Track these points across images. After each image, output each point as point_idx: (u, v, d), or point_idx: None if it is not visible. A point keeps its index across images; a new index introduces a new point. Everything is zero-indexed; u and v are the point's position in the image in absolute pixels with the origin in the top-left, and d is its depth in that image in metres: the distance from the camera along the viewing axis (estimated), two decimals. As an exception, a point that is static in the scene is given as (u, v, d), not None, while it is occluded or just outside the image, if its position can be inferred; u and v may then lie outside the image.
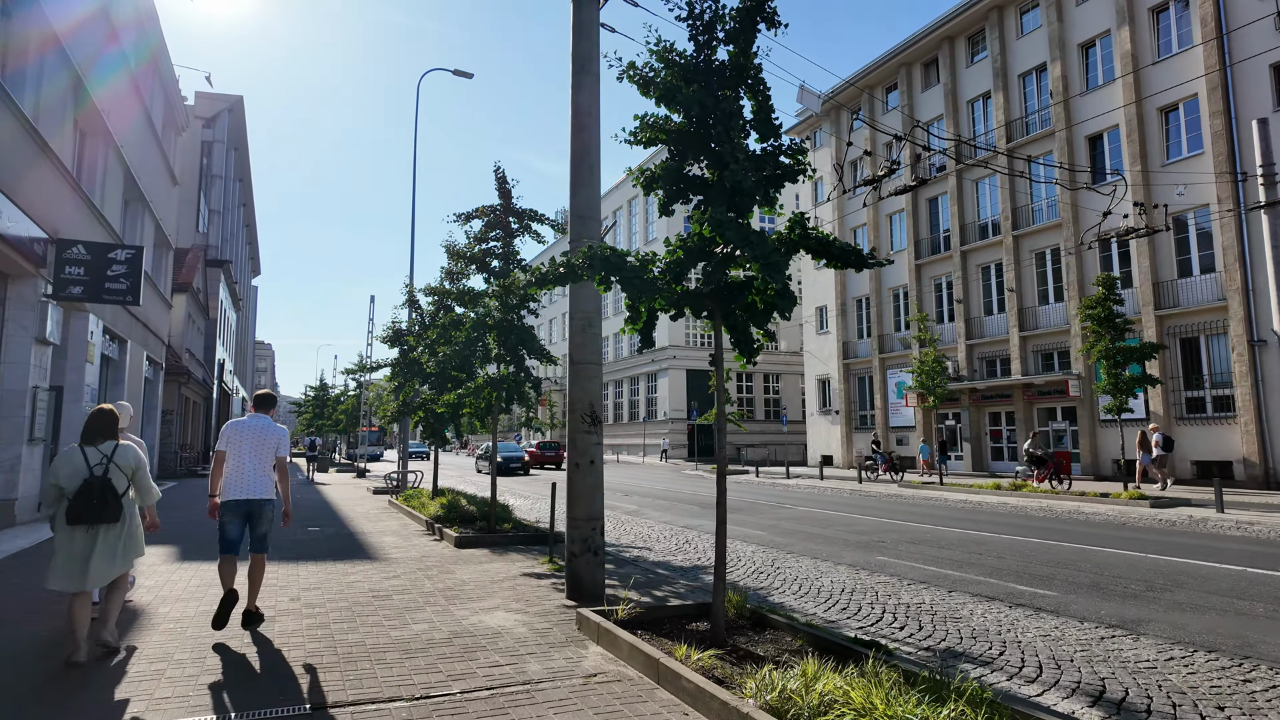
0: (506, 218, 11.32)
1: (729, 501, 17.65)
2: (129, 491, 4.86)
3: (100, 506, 4.60)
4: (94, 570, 4.60)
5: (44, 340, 11.02)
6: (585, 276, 4.99)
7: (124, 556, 4.80)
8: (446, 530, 10.61)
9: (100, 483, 4.62)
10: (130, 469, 4.84)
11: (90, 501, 4.57)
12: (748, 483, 26.03)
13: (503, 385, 10.80)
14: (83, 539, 4.61)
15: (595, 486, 6.83)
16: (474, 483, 25.13)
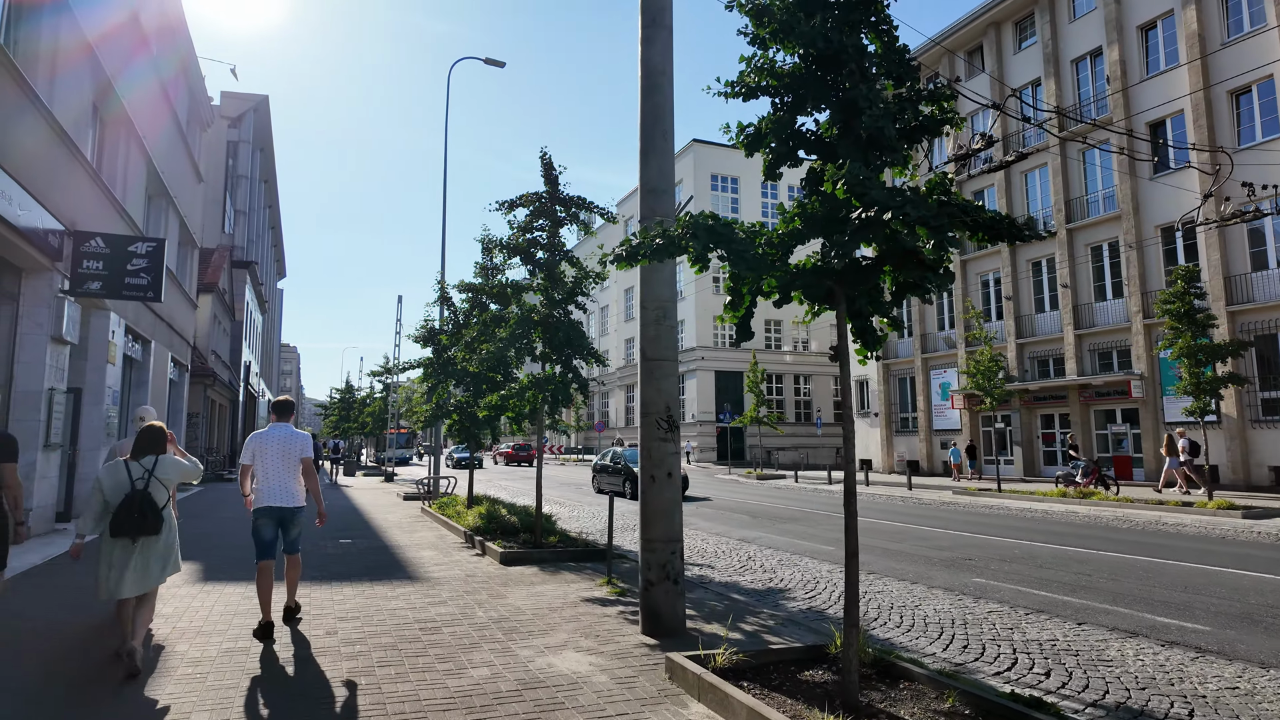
0: (553, 205, 10.44)
1: (780, 511, 16.65)
2: (169, 505, 5.02)
3: (140, 519, 4.72)
4: (132, 580, 4.75)
5: (61, 339, 10.32)
6: (689, 248, 4.05)
7: (162, 569, 4.94)
8: (489, 544, 9.74)
9: (141, 496, 4.76)
10: (174, 481, 5.04)
11: (131, 515, 4.71)
12: (790, 489, 24.96)
13: (548, 386, 9.91)
14: (124, 550, 4.76)
15: (673, 503, 5.89)
16: (504, 487, 24.30)
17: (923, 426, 31.47)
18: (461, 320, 14.73)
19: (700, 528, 13.70)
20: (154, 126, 15.72)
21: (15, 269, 9.89)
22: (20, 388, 9.82)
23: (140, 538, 4.76)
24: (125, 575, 4.72)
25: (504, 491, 21.79)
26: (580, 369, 10.25)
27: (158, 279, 11.03)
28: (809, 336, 51.49)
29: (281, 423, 5.96)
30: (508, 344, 9.91)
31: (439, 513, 13.80)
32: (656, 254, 4.07)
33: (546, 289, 10.29)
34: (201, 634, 5.64)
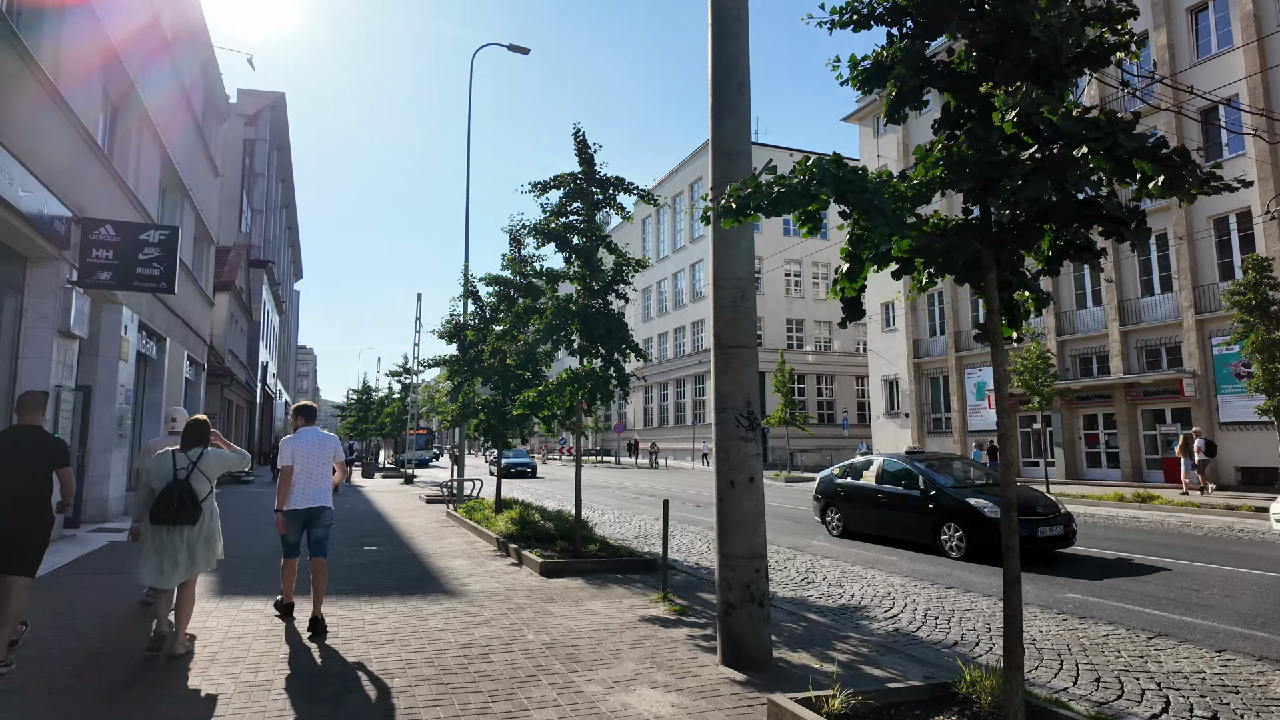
0: (589, 187, 9.67)
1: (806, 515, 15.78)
2: (211, 497, 5.15)
3: (178, 509, 4.86)
4: (170, 569, 4.88)
5: (68, 333, 9.67)
6: (823, 196, 3.25)
7: (201, 558, 5.05)
8: (526, 553, 8.97)
9: (181, 487, 4.91)
10: (216, 473, 5.17)
11: (170, 504, 4.85)
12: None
13: (587, 382, 9.14)
14: (165, 538, 4.90)
15: (756, 513, 5.08)
16: (524, 488, 23.57)
17: (957, 427, 30.44)
18: (489, 315, 13.99)
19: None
20: (169, 115, 15.12)
21: (19, 258, 9.24)
22: (25, 385, 9.15)
23: (179, 526, 4.90)
24: (164, 563, 4.88)
25: (523, 495, 21.05)
26: (621, 363, 9.47)
27: (171, 269, 10.36)
28: (831, 336, 50.49)
29: (310, 426, 6.11)
30: (545, 335, 9.14)
31: (466, 517, 13.06)
32: (776, 205, 3.27)
33: (584, 277, 9.53)
34: (216, 663, 4.90)
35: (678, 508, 17.71)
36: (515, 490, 22.54)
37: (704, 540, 11.99)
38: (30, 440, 4.70)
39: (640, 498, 20.73)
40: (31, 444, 4.68)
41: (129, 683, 4.47)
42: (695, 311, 49.55)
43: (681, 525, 14.09)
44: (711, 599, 7.18)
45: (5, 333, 9.12)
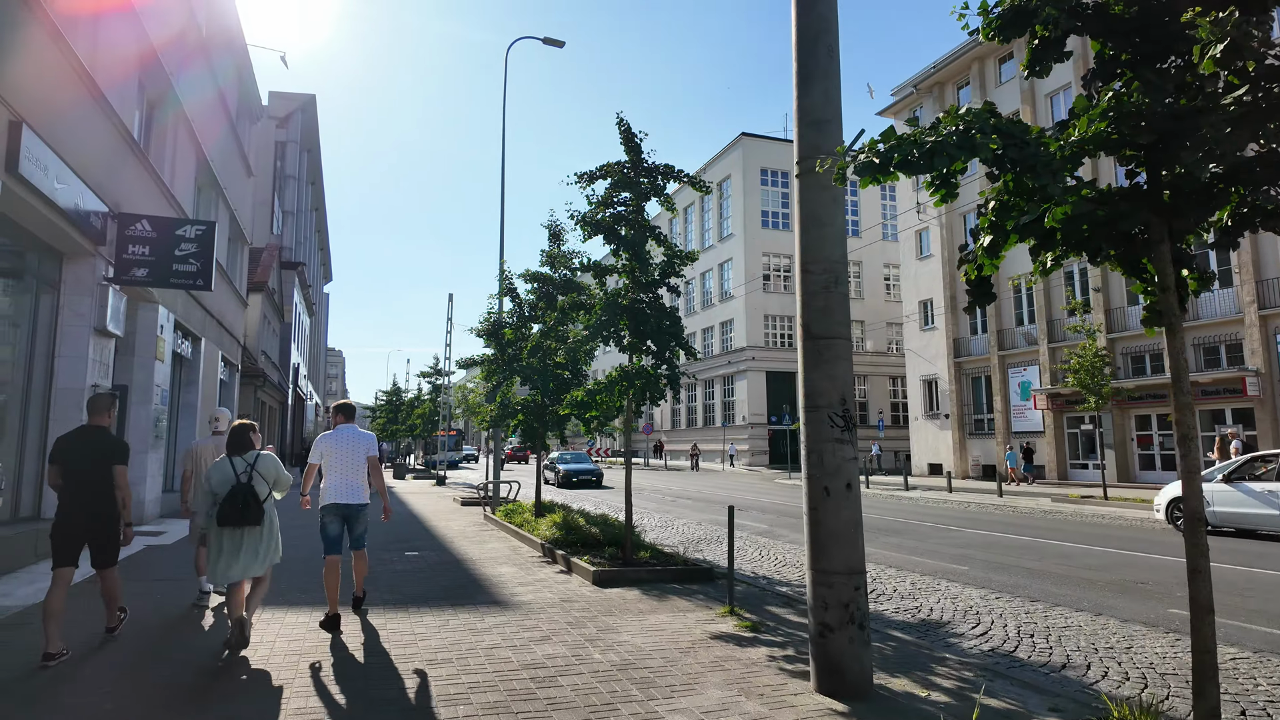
0: (636, 176, 9.21)
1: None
2: (270, 498, 5.31)
3: (244, 510, 5.03)
4: (240, 566, 5.07)
5: (105, 331, 9.43)
6: (992, 145, 2.74)
7: (266, 556, 5.25)
8: (575, 561, 8.52)
9: (244, 489, 5.09)
10: (271, 476, 5.31)
11: (235, 506, 5.02)
12: (866, 496, 23.32)
13: (636, 380, 8.67)
14: (231, 539, 5.08)
15: (853, 524, 4.56)
16: (560, 491, 23.20)
17: (1000, 429, 29.50)
18: (527, 313, 13.60)
19: (790, 539, 12.32)
20: (204, 112, 14.95)
21: (55, 253, 9.01)
22: (61, 384, 8.93)
23: (244, 527, 5.08)
24: (233, 562, 5.06)
25: (559, 497, 20.66)
26: (673, 361, 8.99)
27: (208, 266, 10.09)
28: (864, 336, 49.61)
29: (348, 424, 6.17)
30: (594, 332, 8.69)
31: (506, 521, 12.67)
32: (930, 158, 2.76)
33: (632, 270, 9.07)
34: (261, 683, 4.49)
35: (717, 511, 17.19)
36: (550, 493, 22.15)
37: (754, 547, 11.46)
38: (99, 439, 5.06)
39: (677, 501, 20.23)
40: (99, 443, 5.04)
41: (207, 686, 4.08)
42: (724, 311, 48.95)
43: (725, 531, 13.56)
44: (782, 613, 6.67)
45: (42, 331, 8.90)
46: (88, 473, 4.91)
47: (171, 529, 11.49)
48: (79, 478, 4.89)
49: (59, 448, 4.94)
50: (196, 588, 6.82)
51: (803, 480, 4.70)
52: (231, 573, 5.04)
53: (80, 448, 4.94)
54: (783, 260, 47.87)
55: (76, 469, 4.89)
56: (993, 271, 3.38)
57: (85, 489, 4.89)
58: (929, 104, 33.97)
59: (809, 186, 4.82)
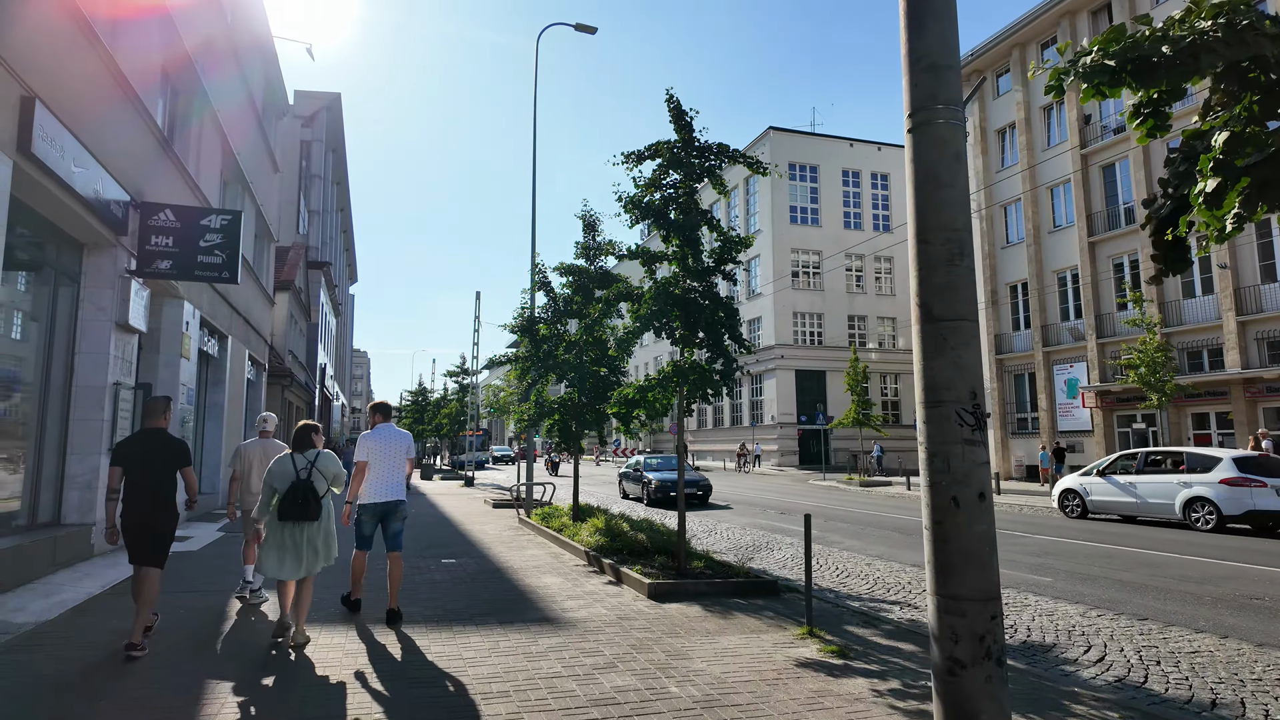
0: (688, 156, 8.54)
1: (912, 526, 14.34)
2: (327, 496, 5.36)
3: (304, 506, 5.09)
4: (291, 563, 5.12)
5: (127, 326, 8.95)
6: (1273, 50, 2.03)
7: (320, 555, 5.28)
8: (626, 571, 7.87)
9: (304, 485, 5.14)
10: (331, 474, 5.37)
11: (296, 501, 5.08)
12: (909, 498, 22.45)
13: (690, 375, 8.00)
14: (290, 534, 5.13)
15: (989, 540, 3.83)
16: (587, 492, 22.52)
17: (1045, 428, 28.39)
18: (562, 307, 12.98)
19: (847, 545, 11.57)
20: (230, 103, 14.53)
21: (74, 244, 8.54)
22: (81, 381, 8.46)
23: (302, 523, 5.16)
24: (286, 557, 5.13)
25: (586, 498, 20.02)
26: (731, 354, 8.30)
27: (234, 258, 9.59)
28: (895, 332, 48.55)
29: (386, 422, 6.31)
30: (645, 323, 8.03)
31: (543, 525, 12.06)
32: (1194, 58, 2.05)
33: (684, 257, 8.40)
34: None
35: (758, 514, 16.47)
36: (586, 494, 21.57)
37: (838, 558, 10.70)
38: (157, 442, 5.19)
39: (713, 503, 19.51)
40: (159, 445, 5.18)
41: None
42: (751, 309, 48.10)
43: (773, 536, 12.86)
44: (865, 634, 5.97)
45: (61, 326, 8.43)
46: (148, 475, 5.08)
47: (197, 534, 11.04)
48: (140, 480, 5.06)
49: (120, 451, 5.10)
50: (240, 580, 6.92)
51: (922, 490, 4.00)
52: (285, 569, 5.13)
53: (141, 450, 5.11)
54: (811, 257, 46.95)
55: (138, 471, 5.06)
56: (1220, 236, 2.66)
57: (146, 491, 5.06)
58: (966, 94, 32.91)
59: (925, 143, 4.11)
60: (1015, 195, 30.21)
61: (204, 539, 10.52)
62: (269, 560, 5.13)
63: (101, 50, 7.95)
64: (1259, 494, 13.01)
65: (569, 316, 12.99)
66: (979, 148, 31.80)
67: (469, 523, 13.78)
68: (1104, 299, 26.60)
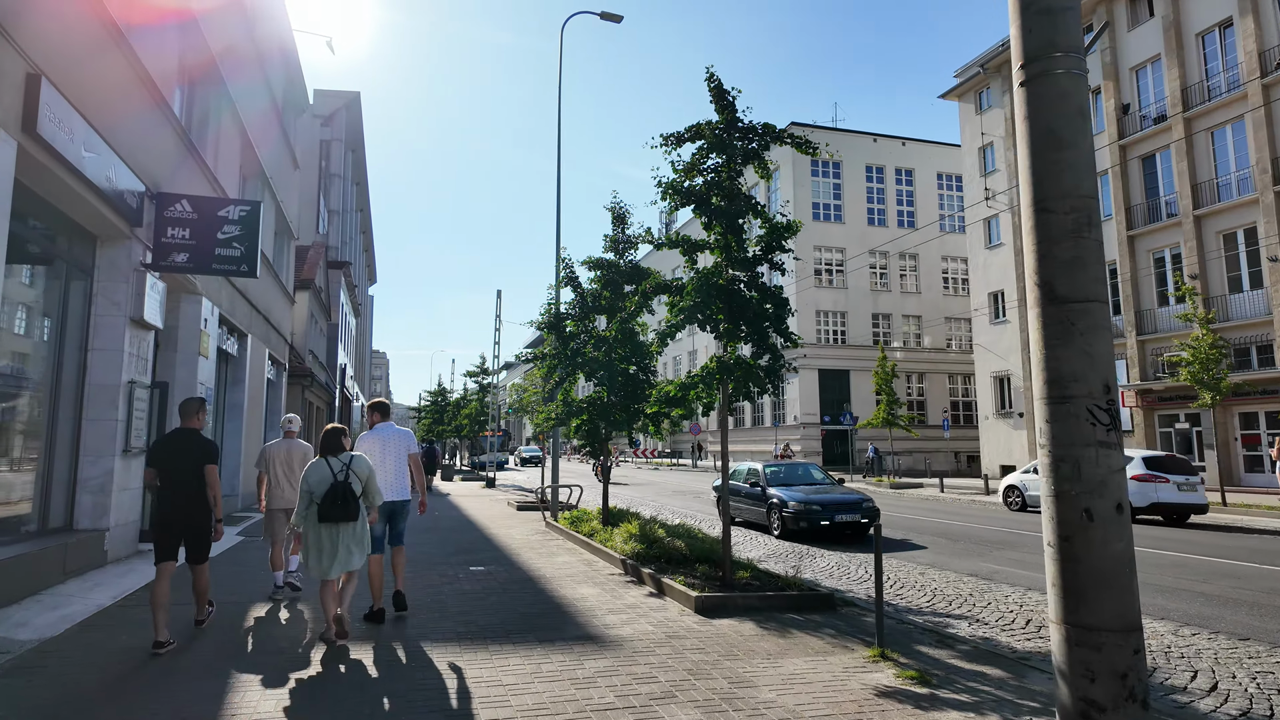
0: (730, 138, 8.00)
1: (973, 532, 13.71)
2: (363, 496, 5.46)
3: (343, 507, 5.21)
4: (338, 561, 5.24)
5: (143, 322, 8.55)
6: None
7: (360, 552, 5.38)
8: (667, 582, 7.33)
9: (343, 487, 5.26)
10: (364, 476, 5.45)
11: (335, 503, 5.20)
12: (944, 501, 21.73)
13: (736, 371, 7.46)
14: (328, 535, 5.25)
15: (1125, 560, 3.27)
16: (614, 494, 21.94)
17: (1081, 428, 27.46)
18: (590, 302, 12.48)
19: (901, 556, 10.96)
20: (249, 94, 14.18)
21: (88, 236, 8.15)
22: (95, 380, 8.06)
23: (341, 524, 5.24)
24: (330, 558, 5.22)
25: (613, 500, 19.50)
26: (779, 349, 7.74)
27: (252, 251, 9.17)
28: (920, 331, 47.64)
29: (385, 421, 6.39)
30: (689, 315, 7.49)
31: (572, 530, 11.56)
32: None
33: (726, 245, 7.85)
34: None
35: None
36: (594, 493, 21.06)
37: (855, 563, 10.13)
38: (188, 441, 5.34)
39: (743, 505, 18.92)
40: (188, 444, 5.32)
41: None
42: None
43: (813, 543, 12.25)
44: (940, 656, 5.41)
45: (73, 322, 8.04)
46: (184, 474, 5.23)
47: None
48: (175, 479, 5.22)
49: (155, 452, 5.31)
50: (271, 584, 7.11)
51: (1044, 498, 3.44)
52: (332, 569, 5.21)
53: (176, 450, 5.28)
54: (834, 255, 46.18)
55: (173, 471, 5.22)
56: None
57: (181, 490, 5.22)
58: (997, 85, 32.05)
59: (1043, 97, 3.55)
60: (1049, 188, 29.30)
61: (222, 544, 10.12)
62: (314, 561, 5.23)
63: (115, 33, 7.55)
64: (1162, 488, 14.59)
65: (597, 312, 12.49)
66: (1010, 140, 30.91)
67: (494, 526, 13.32)
68: (1144, 295, 25.70)
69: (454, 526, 13.19)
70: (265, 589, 7.21)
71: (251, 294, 14.94)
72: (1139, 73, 26.33)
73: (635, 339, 12.29)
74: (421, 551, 9.99)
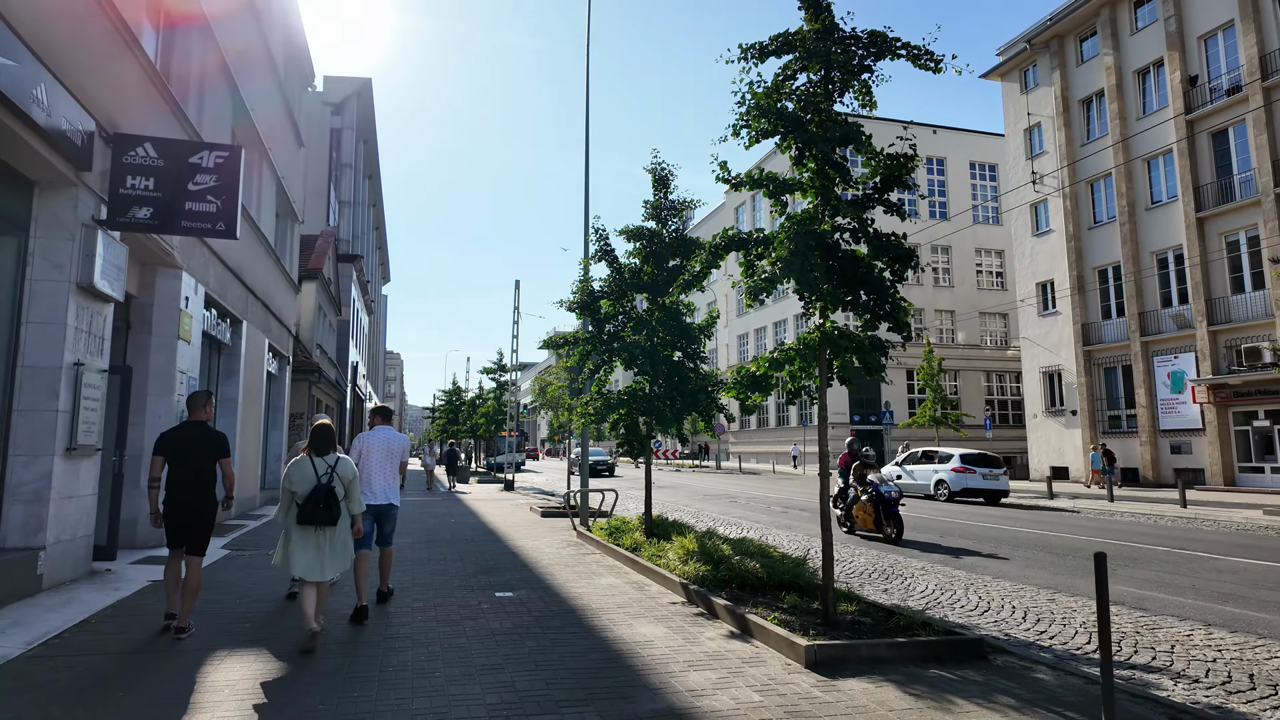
0: (828, 47, 6.28)
1: (1053, 541, 11.86)
2: (345, 500, 5.33)
3: (325, 510, 5.10)
4: (311, 566, 5.09)
5: (93, 290, 6.95)
6: None
7: (339, 559, 5.25)
8: (754, 619, 5.62)
9: (325, 490, 5.14)
10: (348, 480, 5.32)
11: (317, 505, 5.09)
12: (1013, 507, 19.85)
13: (848, 344, 5.75)
14: (310, 538, 5.14)
15: None
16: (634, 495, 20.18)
17: (1144, 426, 25.49)
18: (629, 279, 10.81)
19: (994, 571, 9.17)
20: (241, 45, 12.60)
21: (20, 181, 6.55)
22: (29, 360, 6.47)
23: (322, 527, 5.13)
24: (313, 560, 5.10)
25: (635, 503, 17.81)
26: (900, 316, 6.02)
27: (231, 206, 7.54)
28: (955, 327, 45.59)
29: (385, 425, 6.55)
30: (785, 271, 5.77)
31: (611, 543, 9.87)
32: None
33: (823, 188, 6.14)
34: None
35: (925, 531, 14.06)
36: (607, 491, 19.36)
37: (958, 583, 8.37)
38: (199, 433, 5.40)
39: (788, 511, 17.17)
40: (200, 436, 5.38)
41: None
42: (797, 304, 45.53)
43: (891, 558, 10.50)
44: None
45: (2, 288, 6.44)
46: (191, 466, 5.26)
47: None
48: (181, 470, 5.24)
49: (163, 443, 5.30)
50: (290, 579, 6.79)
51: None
52: (313, 570, 5.09)
53: (184, 442, 5.31)
54: (865, 246, 44.22)
55: (179, 462, 5.24)
56: None
57: (187, 481, 5.24)
58: (1044, 62, 30.10)
59: None
60: (1104, 170, 27.34)
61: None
62: (299, 562, 5.10)
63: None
64: (970, 478, 19.66)
65: (636, 290, 10.82)
66: (1060, 120, 28.94)
67: (518, 536, 11.65)
68: (1215, 281, 23.69)
69: (473, 536, 11.54)
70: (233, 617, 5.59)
71: (246, 275, 13.38)
72: (1207, 41, 24.32)
73: (681, 320, 10.64)
74: (437, 569, 8.35)
